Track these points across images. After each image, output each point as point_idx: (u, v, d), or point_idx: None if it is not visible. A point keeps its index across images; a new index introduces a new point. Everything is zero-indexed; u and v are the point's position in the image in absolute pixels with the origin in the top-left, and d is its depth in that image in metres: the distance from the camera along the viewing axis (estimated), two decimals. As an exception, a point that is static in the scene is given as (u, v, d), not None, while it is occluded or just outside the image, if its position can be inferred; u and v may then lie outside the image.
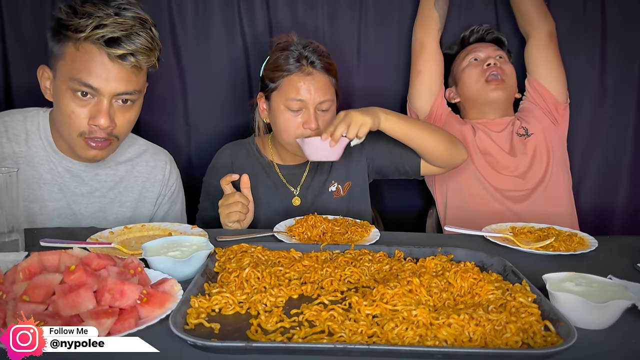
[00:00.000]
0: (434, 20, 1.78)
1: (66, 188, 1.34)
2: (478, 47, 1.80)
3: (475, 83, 1.76)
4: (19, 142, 1.32)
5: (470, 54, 1.79)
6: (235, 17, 1.82)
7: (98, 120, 1.20)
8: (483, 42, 1.82)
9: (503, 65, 1.76)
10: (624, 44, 1.85)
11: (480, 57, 1.78)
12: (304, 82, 1.42)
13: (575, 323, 0.76)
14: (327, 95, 1.44)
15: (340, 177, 1.59)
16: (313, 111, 1.43)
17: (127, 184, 1.42)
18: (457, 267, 0.95)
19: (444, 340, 0.73)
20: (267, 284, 0.90)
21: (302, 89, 1.42)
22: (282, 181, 1.57)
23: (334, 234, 1.23)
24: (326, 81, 1.45)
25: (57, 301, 0.74)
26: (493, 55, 1.77)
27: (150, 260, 0.94)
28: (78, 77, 1.17)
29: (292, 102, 1.43)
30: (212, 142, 1.89)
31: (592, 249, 1.16)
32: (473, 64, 1.79)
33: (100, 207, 1.38)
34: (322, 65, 1.45)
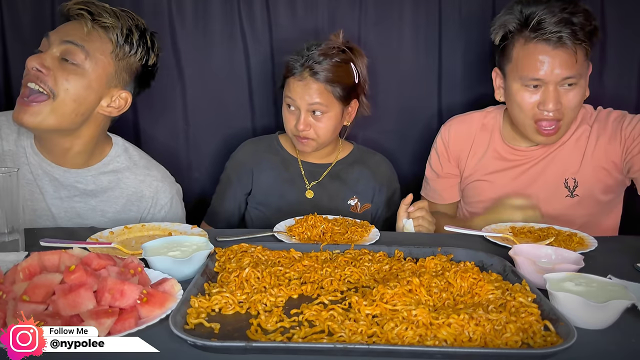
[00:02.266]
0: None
1: (45, 190, 1.33)
2: (541, 66, 1.37)
3: (524, 119, 1.45)
4: (9, 141, 1.33)
5: (529, 78, 1.39)
6: (235, 17, 1.82)
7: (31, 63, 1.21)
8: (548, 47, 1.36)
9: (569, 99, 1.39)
10: (624, 44, 1.85)
11: (538, 84, 1.40)
12: (295, 87, 1.52)
13: (575, 323, 0.76)
14: (318, 99, 1.50)
15: (362, 197, 1.65)
16: (303, 113, 1.52)
17: (112, 194, 1.37)
18: (457, 267, 0.95)
19: (443, 340, 0.73)
20: (267, 284, 0.90)
21: (293, 90, 1.53)
22: (300, 174, 1.63)
23: (334, 234, 1.23)
24: (320, 88, 1.50)
25: (57, 301, 0.74)
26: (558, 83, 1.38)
27: (150, 260, 0.94)
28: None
29: (287, 99, 1.55)
30: (211, 142, 1.89)
31: (592, 249, 1.16)
32: (528, 90, 1.41)
33: (80, 213, 1.35)
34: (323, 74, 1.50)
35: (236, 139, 1.82)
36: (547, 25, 1.35)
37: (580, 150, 1.51)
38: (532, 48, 1.39)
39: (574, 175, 1.51)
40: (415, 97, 1.90)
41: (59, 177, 1.33)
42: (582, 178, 1.50)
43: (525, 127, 1.47)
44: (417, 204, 1.39)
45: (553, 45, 1.36)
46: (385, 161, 1.71)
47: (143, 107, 1.83)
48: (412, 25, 1.86)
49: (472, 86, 1.88)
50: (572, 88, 1.40)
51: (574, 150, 1.52)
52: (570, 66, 1.37)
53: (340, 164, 1.66)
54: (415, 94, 1.90)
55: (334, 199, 1.62)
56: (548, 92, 1.39)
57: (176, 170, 1.84)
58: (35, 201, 1.32)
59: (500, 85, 1.52)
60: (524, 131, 1.49)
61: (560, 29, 1.35)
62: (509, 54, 1.45)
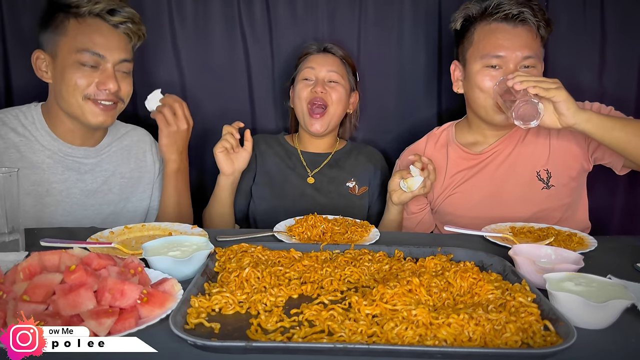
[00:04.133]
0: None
1: (70, 168, 1.43)
2: (502, 45, 1.40)
3: (484, 99, 1.45)
4: (18, 133, 1.40)
5: (490, 57, 1.41)
6: (235, 17, 1.82)
7: (107, 84, 1.34)
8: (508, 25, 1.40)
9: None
10: (624, 44, 1.85)
11: (499, 65, 1.41)
12: (316, 58, 1.69)
13: (575, 323, 0.76)
14: (335, 68, 1.66)
15: (360, 180, 1.71)
16: (321, 79, 1.65)
17: (123, 158, 1.54)
18: (457, 267, 0.95)
19: (443, 340, 0.73)
20: (267, 284, 0.90)
21: (313, 61, 1.68)
22: (301, 163, 1.72)
23: (334, 234, 1.23)
24: (337, 61, 1.68)
25: (57, 301, 0.74)
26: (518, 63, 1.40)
27: (150, 260, 0.94)
28: (86, 48, 1.32)
29: (305, 71, 1.67)
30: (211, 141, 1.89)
31: (592, 248, 1.16)
32: (489, 73, 1.42)
33: (105, 180, 1.49)
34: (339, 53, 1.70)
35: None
36: (506, 6, 1.41)
37: (544, 140, 1.51)
38: (493, 27, 1.43)
39: (545, 167, 1.50)
40: (415, 97, 1.90)
41: (81, 155, 1.46)
42: (554, 167, 1.50)
43: (486, 110, 1.47)
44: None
45: (513, 24, 1.41)
46: (376, 151, 1.81)
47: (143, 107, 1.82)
48: (412, 25, 1.86)
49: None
50: (531, 69, 1.41)
51: (537, 142, 1.52)
52: (530, 44, 1.40)
53: (338, 154, 1.76)
54: (415, 94, 1.90)
55: (334, 182, 1.69)
56: (508, 70, 1.39)
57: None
58: (60, 182, 1.42)
59: (458, 78, 1.54)
60: (485, 115, 1.48)
61: (521, 8, 1.40)
62: (469, 38, 1.48)
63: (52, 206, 1.40)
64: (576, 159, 1.50)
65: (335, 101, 1.65)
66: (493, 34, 1.42)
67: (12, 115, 1.41)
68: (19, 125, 1.40)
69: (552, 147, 1.51)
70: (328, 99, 1.64)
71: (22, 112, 1.42)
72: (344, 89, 1.67)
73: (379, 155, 1.79)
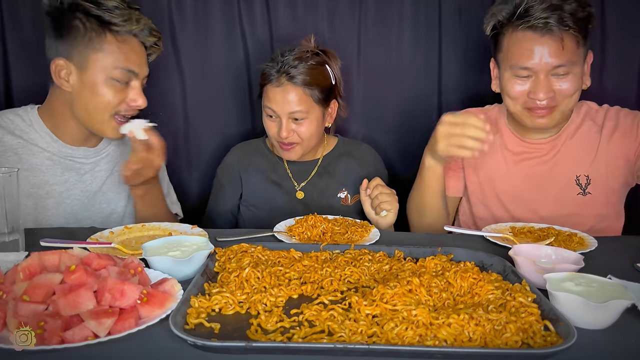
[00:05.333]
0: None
1: (70, 169, 1.43)
2: (529, 55, 1.34)
3: (515, 107, 1.43)
4: (15, 136, 1.38)
5: (517, 67, 1.37)
6: (235, 17, 1.82)
7: (138, 101, 1.36)
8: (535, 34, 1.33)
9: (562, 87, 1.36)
10: (624, 44, 1.85)
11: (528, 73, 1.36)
12: (274, 93, 1.51)
13: (575, 323, 0.76)
14: (299, 106, 1.49)
15: (351, 188, 1.64)
16: (285, 121, 1.51)
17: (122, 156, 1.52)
18: (457, 267, 0.95)
19: (443, 340, 0.73)
20: (267, 284, 0.90)
21: (272, 99, 1.51)
22: (288, 175, 1.64)
23: (334, 234, 1.23)
24: (298, 93, 1.49)
25: (57, 301, 0.74)
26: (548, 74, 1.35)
27: (150, 260, 0.94)
28: (124, 66, 1.32)
29: (267, 109, 1.54)
30: (211, 142, 1.89)
31: (592, 248, 1.16)
32: (517, 80, 1.39)
33: (104, 180, 1.48)
34: (300, 77, 1.49)
35: (236, 139, 1.82)
36: (534, 11, 1.32)
37: (591, 147, 1.47)
38: (520, 36, 1.36)
39: (586, 172, 1.47)
40: (415, 97, 1.90)
41: (81, 155, 1.45)
42: (595, 174, 1.46)
43: (518, 115, 1.44)
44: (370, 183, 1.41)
45: (540, 33, 1.33)
46: (370, 150, 1.71)
47: (143, 107, 1.83)
48: (412, 25, 1.86)
49: (472, 86, 1.87)
50: (565, 76, 1.36)
51: (583, 147, 1.48)
52: (559, 54, 1.33)
53: (327, 158, 1.67)
54: (415, 94, 1.90)
55: (325, 195, 1.62)
56: (539, 81, 1.35)
57: (176, 170, 1.84)
58: (60, 183, 1.41)
59: (496, 76, 1.50)
60: (518, 119, 1.46)
61: (548, 15, 1.31)
62: (500, 43, 1.43)
63: (52, 208, 1.40)
64: (621, 171, 1.47)
65: (305, 137, 1.53)
66: (520, 44, 1.36)
67: (9, 118, 1.40)
68: (16, 128, 1.39)
69: (599, 153, 1.47)
70: (296, 139, 1.53)
71: (18, 115, 1.41)
72: (313, 120, 1.52)
73: (372, 154, 1.71)
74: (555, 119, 1.42)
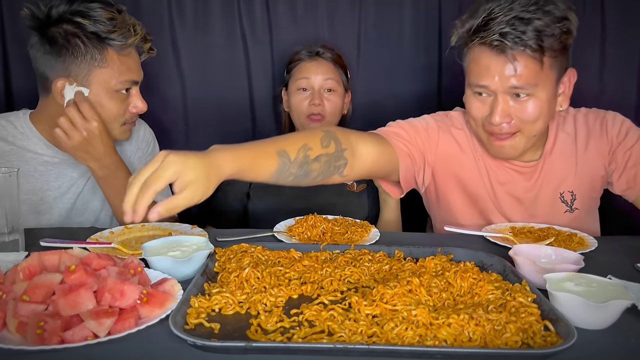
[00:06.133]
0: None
1: (64, 174, 1.41)
2: (485, 74, 1.19)
3: (476, 128, 1.30)
4: (7, 142, 1.37)
5: (474, 85, 1.23)
6: (235, 17, 1.82)
7: (138, 106, 1.37)
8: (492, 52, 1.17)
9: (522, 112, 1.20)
10: (624, 44, 1.85)
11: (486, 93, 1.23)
12: (308, 66, 1.69)
13: (575, 323, 0.76)
14: (331, 74, 1.68)
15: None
16: (318, 89, 1.67)
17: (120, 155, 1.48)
18: (457, 267, 0.95)
19: (443, 340, 0.73)
20: (267, 284, 0.90)
21: (307, 70, 1.68)
22: None
23: (334, 234, 1.23)
24: (330, 66, 1.69)
25: (57, 301, 0.74)
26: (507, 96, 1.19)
27: (150, 260, 0.94)
28: (128, 78, 1.34)
29: (301, 81, 1.68)
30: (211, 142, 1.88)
31: (592, 249, 1.16)
32: (477, 99, 1.25)
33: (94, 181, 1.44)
34: (329, 55, 1.70)
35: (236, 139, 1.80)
36: (493, 25, 1.14)
37: (569, 160, 1.36)
38: (477, 52, 1.20)
39: (570, 188, 1.37)
40: (415, 97, 1.90)
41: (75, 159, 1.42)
42: (580, 189, 1.37)
43: (480, 139, 1.32)
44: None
45: (496, 51, 1.16)
46: None
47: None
48: (412, 25, 1.86)
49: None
50: (527, 99, 1.19)
51: (563, 162, 1.36)
52: (516, 75, 1.16)
53: None
54: (415, 94, 1.90)
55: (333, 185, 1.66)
56: (496, 102, 1.20)
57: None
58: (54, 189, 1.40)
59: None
60: (483, 144, 1.33)
61: (507, 31, 1.13)
62: (463, 56, 1.27)
63: (47, 213, 1.39)
64: (601, 179, 1.37)
65: (331, 112, 1.68)
66: (476, 61, 1.21)
67: (0, 124, 1.38)
68: (8, 134, 1.37)
69: (579, 165, 1.35)
70: (325, 111, 1.67)
71: (9, 122, 1.39)
72: (339, 96, 1.70)
73: None
74: (519, 147, 1.26)
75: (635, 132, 1.34)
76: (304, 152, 1.07)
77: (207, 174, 0.89)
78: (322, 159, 1.10)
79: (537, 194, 1.38)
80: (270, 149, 1.04)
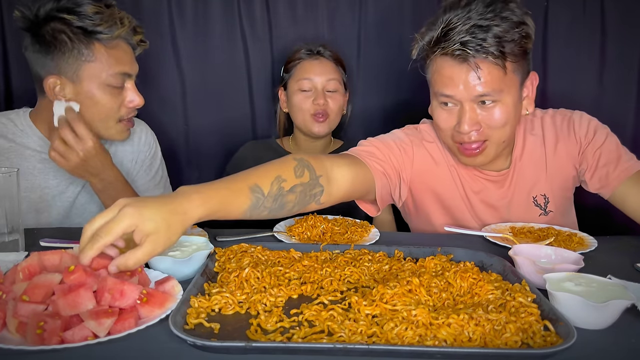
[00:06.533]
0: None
1: (62, 172, 1.40)
2: (450, 83, 1.20)
3: (445, 139, 1.30)
4: (7, 139, 1.38)
5: (439, 95, 1.23)
6: (235, 17, 1.82)
7: (135, 100, 1.36)
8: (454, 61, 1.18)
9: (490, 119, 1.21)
10: (624, 44, 1.85)
11: (452, 103, 1.23)
12: (310, 66, 1.67)
13: (575, 323, 0.76)
14: (333, 75, 1.68)
15: None
16: (321, 89, 1.66)
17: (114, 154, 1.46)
18: (457, 267, 0.95)
19: (443, 340, 0.73)
20: (267, 284, 0.90)
21: (309, 70, 1.67)
22: None
23: (334, 234, 1.23)
24: (331, 66, 1.69)
25: (57, 301, 0.74)
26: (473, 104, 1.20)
27: (150, 260, 0.94)
28: (118, 71, 1.31)
29: (302, 82, 1.66)
30: (211, 142, 1.89)
31: (592, 249, 1.16)
32: (443, 110, 1.25)
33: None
34: (329, 54, 1.70)
35: (236, 139, 1.83)
36: (453, 35, 1.15)
37: (539, 163, 1.37)
38: (439, 62, 1.21)
39: (542, 192, 1.38)
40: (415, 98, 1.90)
41: None
42: (552, 192, 1.38)
43: (450, 150, 1.33)
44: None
45: (458, 60, 1.17)
46: None
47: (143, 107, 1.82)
48: (412, 25, 1.85)
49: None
50: (494, 105, 1.20)
51: (532, 166, 1.37)
52: (480, 83, 1.17)
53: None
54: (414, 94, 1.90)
55: None
56: (463, 111, 1.21)
57: (176, 170, 1.84)
58: (52, 187, 1.40)
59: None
60: (453, 154, 1.34)
61: (467, 40, 1.14)
62: (426, 68, 1.28)
63: (45, 212, 1.39)
64: (572, 179, 1.40)
65: (335, 110, 1.69)
66: (439, 71, 1.22)
67: (1, 122, 1.38)
68: (8, 131, 1.38)
69: (549, 167, 1.37)
70: (329, 109, 1.67)
71: (9, 119, 1.39)
72: (341, 95, 1.71)
73: None
74: (490, 155, 1.27)
75: (603, 131, 1.36)
76: (277, 184, 1.03)
77: (167, 224, 0.84)
78: (297, 189, 1.07)
79: (510, 200, 1.39)
80: (242, 185, 0.99)
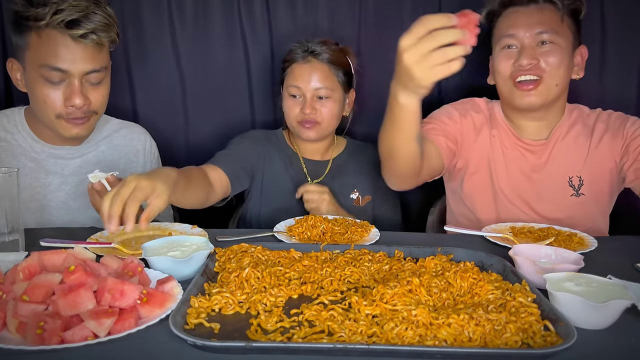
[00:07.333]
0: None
1: (53, 172, 1.40)
2: (514, 24, 1.41)
3: (504, 81, 1.44)
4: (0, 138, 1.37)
5: (504, 37, 1.42)
6: (235, 17, 1.82)
7: (73, 100, 1.27)
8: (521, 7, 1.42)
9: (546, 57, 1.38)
10: (624, 44, 1.85)
11: (515, 45, 1.41)
12: (300, 70, 1.55)
13: (575, 323, 0.76)
14: (324, 82, 1.54)
15: (361, 188, 1.65)
16: (309, 98, 1.54)
17: (111, 158, 1.48)
18: (457, 267, 0.95)
19: (443, 340, 0.73)
20: (267, 284, 0.90)
21: (298, 76, 1.55)
22: (304, 172, 1.65)
23: (334, 234, 1.23)
24: (324, 70, 1.55)
25: (57, 301, 0.74)
26: (533, 43, 1.38)
27: (150, 260, 0.94)
28: (47, 63, 1.24)
29: (291, 88, 1.56)
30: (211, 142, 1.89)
31: (592, 248, 1.16)
32: (505, 53, 1.43)
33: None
34: (327, 56, 1.55)
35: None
36: None
37: (582, 148, 1.48)
38: (508, 12, 1.44)
39: (578, 173, 1.47)
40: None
41: (66, 155, 1.42)
42: (588, 176, 1.47)
43: (508, 95, 1.44)
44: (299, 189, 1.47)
45: (525, 5, 1.41)
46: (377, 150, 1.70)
47: (143, 107, 1.83)
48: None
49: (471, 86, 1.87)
50: (550, 47, 1.38)
51: (574, 149, 1.48)
52: (544, 21, 1.38)
53: (338, 159, 1.69)
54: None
55: (337, 196, 1.59)
56: (523, 48, 1.39)
57: (176, 170, 1.84)
58: (43, 186, 1.40)
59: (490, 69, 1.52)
60: (509, 98, 1.44)
61: None
62: (493, 29, 1.49)
63: (37, 211, 1.38)
64: (611, 174, 1.48)
65: (326, 117, 1.55)
66: (507, 18, 1.44)
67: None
68: (1, 129, 1.38)
69: (590, 155, 1.47)
70: (318, 117, 1.54)
71: (5, 116, 1.40)
72: (335, 100, 1.56)
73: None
74: (543, 94, 1.40)
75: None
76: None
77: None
78: None
79: (545, 174, 1.49)
80: None
